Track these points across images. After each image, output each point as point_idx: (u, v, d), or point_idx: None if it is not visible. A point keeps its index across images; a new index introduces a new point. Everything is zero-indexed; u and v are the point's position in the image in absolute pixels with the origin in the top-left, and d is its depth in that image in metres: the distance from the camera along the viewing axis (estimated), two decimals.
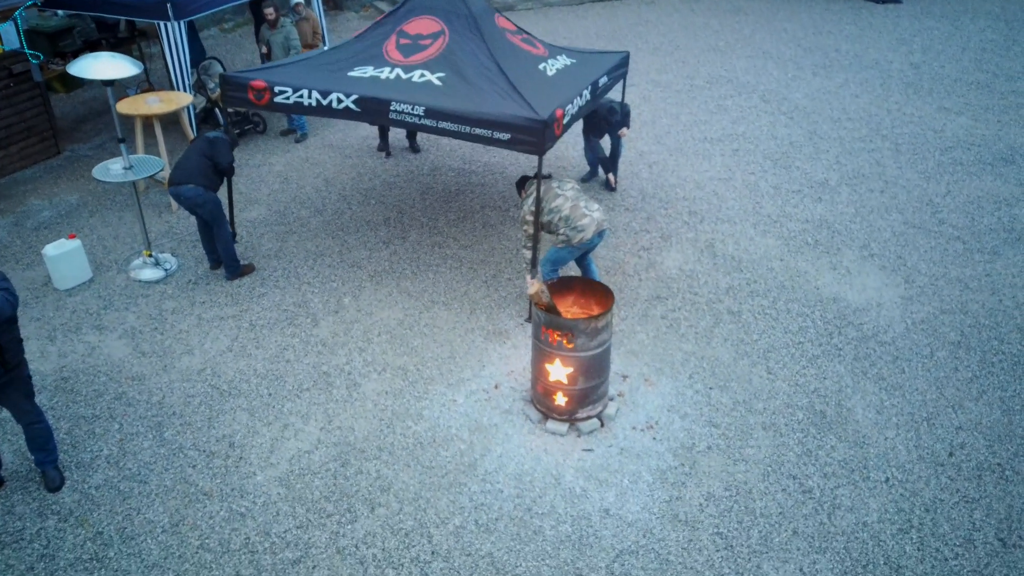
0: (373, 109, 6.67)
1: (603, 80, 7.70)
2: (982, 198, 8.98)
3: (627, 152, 10.10)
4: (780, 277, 7.61)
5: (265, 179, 9.76)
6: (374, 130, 10.53)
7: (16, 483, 5.51)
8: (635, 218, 8.69)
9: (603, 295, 5.89)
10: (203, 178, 7.21)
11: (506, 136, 6.29)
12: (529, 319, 7.05)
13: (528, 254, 6.70)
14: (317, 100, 6.78)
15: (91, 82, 12.88)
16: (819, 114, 11.37)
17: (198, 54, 11.37)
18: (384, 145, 10.27)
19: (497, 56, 6.90)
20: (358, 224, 8.69)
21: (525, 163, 9.86)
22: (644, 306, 7.24)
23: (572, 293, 6.07)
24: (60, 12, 11.41)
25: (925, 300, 7.24)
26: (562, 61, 7.60)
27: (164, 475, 5.56)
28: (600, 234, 6.63)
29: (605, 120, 8.71)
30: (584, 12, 16.87)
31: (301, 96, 6.82)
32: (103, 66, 6.86)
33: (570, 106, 6.74)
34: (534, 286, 5.63)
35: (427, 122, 6.50)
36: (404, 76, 6.84)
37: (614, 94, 8.86)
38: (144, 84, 11.59)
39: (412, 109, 6.51)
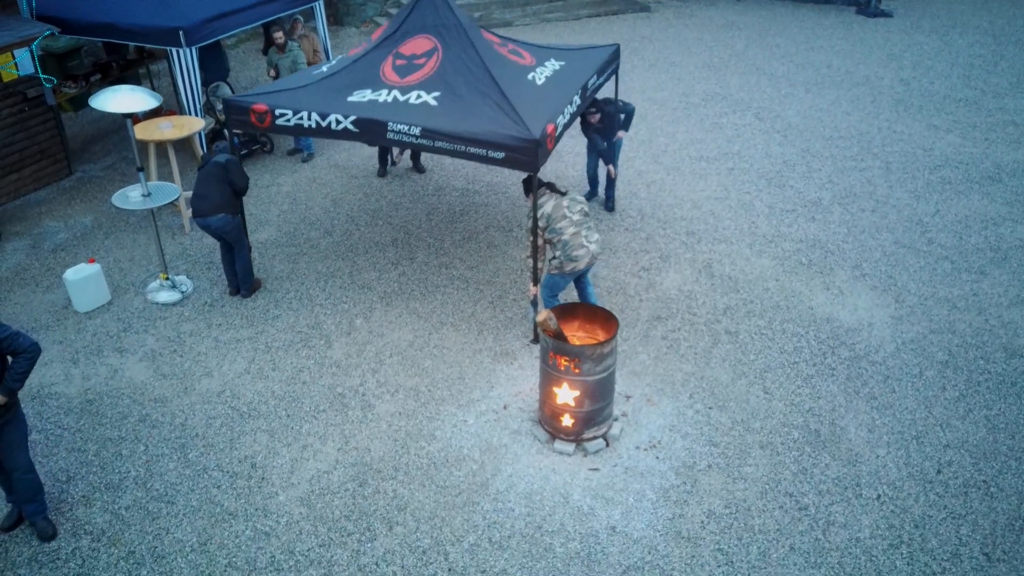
0: (371, 130, 6.90)
1: (593, 80, 7.93)
2: (970, 217, 9.29)
3: (625, 171, 10.40)
4: (775, 297, 7.91)
5: (274, 200, 10.02)
6: (378, 150, 10.78)
7: (48, 503, 5.76)
8: (635, 238, 8.98)
9: (607, 320, 6.18)
10: (229, 207, 7.54)
11: (500, 155, 6.53)
12: (535, 340, 7.33)
13: (531, 263, 6.95)
14: (317, 122, 7.01)
15: None
16: (812, 132, 11.69)
17: (223, 72, 11.65)
18: (383, 171, 10.55)
19: (489, 66, 7.12)
20: (367, 245, 8.96)
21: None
22: (645, 327, 7.53)
23: (577, 319, 6.35)
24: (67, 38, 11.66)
25: (915, 320, 7.55)
26: (551, 67, 7.83)
27: (190, 496, 5.83)
28: (590, 266, 6.91)
29: (607, 126, 8.85)
30: (581, 27, 17.16)
31: (301, 118, 7.06)
32: (123, 99, 7.12)
33: (561, 117, 6.99)
34: (542, 314, 5.91)
35: (423, 141, 6.75)
36: (401, 98, 7.07)
37: (608, 92, 9.09)
38: None
39: (409, 129, 6.76)
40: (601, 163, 9.43)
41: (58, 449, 6.27)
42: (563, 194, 6.89)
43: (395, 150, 10.34)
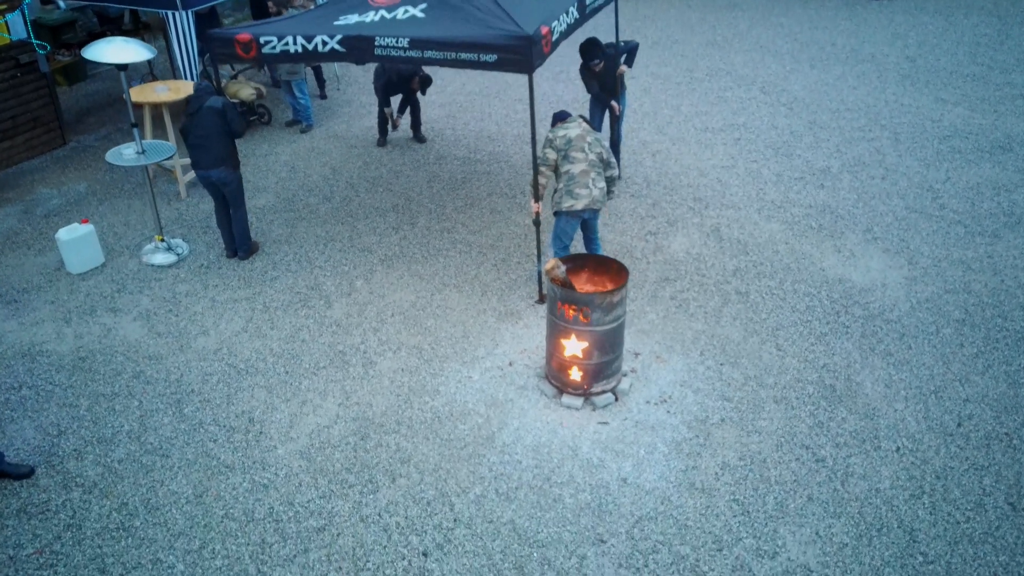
0: (358, 47, 6.57)
1: None
2: (981, 184, 9.12)
3: (630, 141, 10.21)
4: (786, 259, 7.72)
5: (272, 168, 9.83)
6: (377, 120, 10.58)
7: (39, 458, 5.56)
8: (640, 204, 8.79)
9: (616, 272, 5.99)
10: (230, 159, 7.37)
11: (493, 57, 6.21)
12: (540, 301, 7.14)
13: (531, 178, 6.68)
14: (303, 46, 6.71)
15: (94, 75, 12.95)
16: (818, 105, 11.51)
17: None
18: (383, 141, 10.36)
19: None
20: (367, 211, 8.77)
21: (529, 155, 9.94)
22: (653, 288, 7.34)
23: (585, 270, 6.16)
24: (63, 4, 11.45)
25: (929, 280, 7.37)
26: None
27: (186, 449, 5.63)
28: (594, 212, 6.72)
29: (608, 73, 8.64)
30: None
31: (287, 44, 6.75)
32: (117, 50, 6.93)
33: (556, 23, 6.69)
34: (550, 262, 5.72)
35: (413, 54, 6.43)
36: (388, 16, 6.75)
37: (608, 33, 8.80)
38: (148, 76, 11.64)
39: (397, 42, 6.43)
40: (604, 128, 9.24)
41: (49, 404, 6.07)
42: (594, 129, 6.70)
43: (394, 112, 10.16)
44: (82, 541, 4.94)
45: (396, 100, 10.30)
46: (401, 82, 9.87)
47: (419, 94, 10.12)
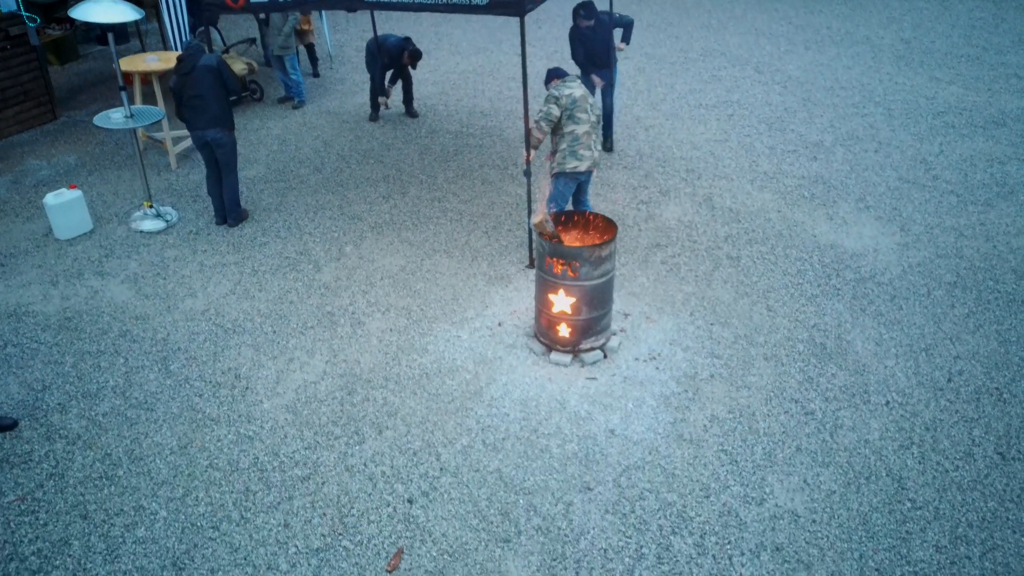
0: None
1: None
2: (974, 157, 9.09)
3: (624, 117, 10.18)
4: (778, 226, 7.69)
5: (263, 141, 9.79)
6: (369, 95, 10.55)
7: (22, 412, 5.52)
8: (633, 175, 8.75)
9: (605, 229, 5.95)
10: (227, 120, 7.34)
11: (484, 0, 6.14)
12: (531, 265, 7.11)
13: (526, 128, 6.64)
14: None
15: (86, 55, 12.91)
16: (812, 84, 11.49)
17: (212, 19, 11.42)
18: (376, 116, 10.33)
19: None
20: (357, 181, 8.73)
21: (522, 129, 9.91)
22: (644, 253, 7.31)
23: (576, 228, 6.12)
24: None
25: (921, 246, 7.34)
26: None
27: (171, 403, 5.58)
28: (589, 173, 6.69)
29: (598, 36, 8.62)
30: None
31: None
32: (105, 10, 6.88)
33: None
34: (538, 216, 5.68)
35: None
36: None
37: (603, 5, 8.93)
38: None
39: None
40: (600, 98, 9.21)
41: (34, 361, 6.02)
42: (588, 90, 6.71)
43: (387, 82, 10.12)
44: (64, 489, 4.89)
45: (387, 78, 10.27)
46: (391, 59, 9.84)
47: (410, 68, 10.08)
